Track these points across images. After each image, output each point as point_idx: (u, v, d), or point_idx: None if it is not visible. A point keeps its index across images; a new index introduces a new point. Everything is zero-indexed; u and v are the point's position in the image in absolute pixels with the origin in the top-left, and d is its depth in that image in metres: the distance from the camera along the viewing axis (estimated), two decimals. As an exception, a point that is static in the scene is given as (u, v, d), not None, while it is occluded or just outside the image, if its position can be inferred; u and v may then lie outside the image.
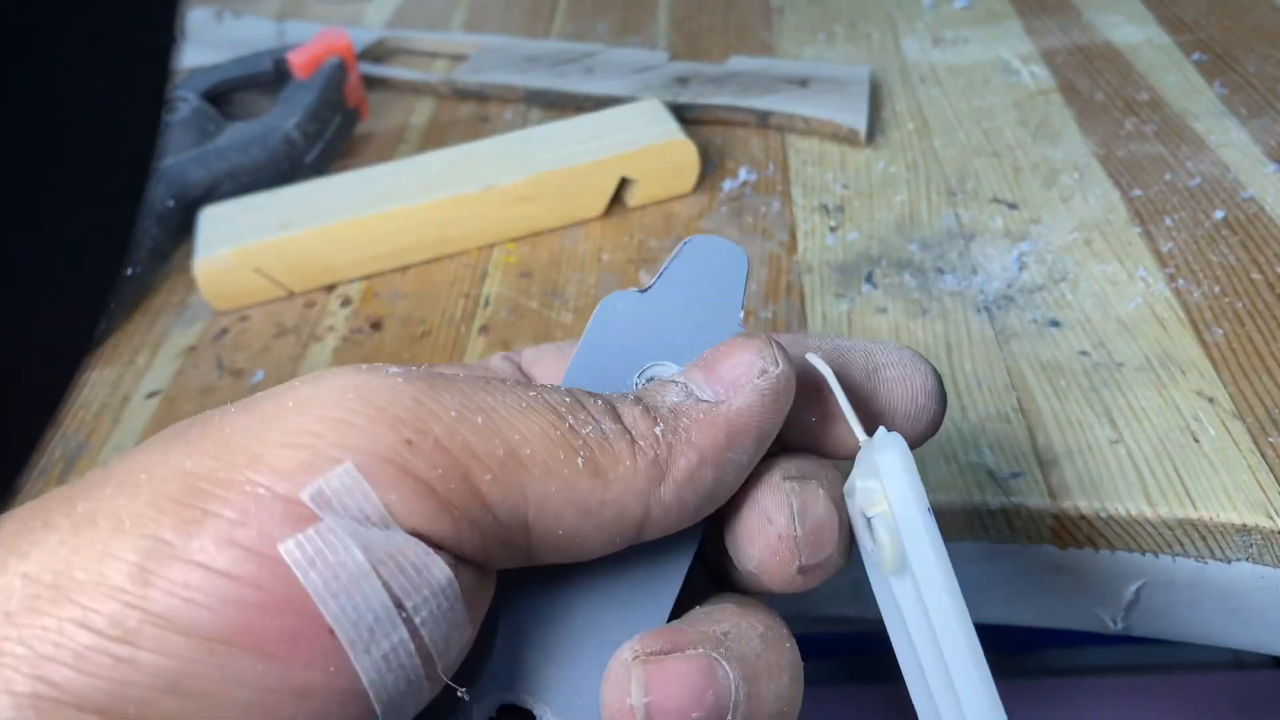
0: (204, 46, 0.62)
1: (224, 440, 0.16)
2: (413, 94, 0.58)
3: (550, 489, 0.18)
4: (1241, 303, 0.36)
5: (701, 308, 0.23)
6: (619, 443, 0.19)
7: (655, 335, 0.23)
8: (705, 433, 0.19)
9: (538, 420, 0.18)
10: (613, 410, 0.19)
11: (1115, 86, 0.50)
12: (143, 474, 0.16)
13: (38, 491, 0.35)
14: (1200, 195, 0.42)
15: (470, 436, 0.17)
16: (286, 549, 0.15)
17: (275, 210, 0.44)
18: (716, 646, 0.19)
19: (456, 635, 0.17)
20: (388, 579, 0.16)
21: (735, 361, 0.20)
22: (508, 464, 0.17)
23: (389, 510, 0.16)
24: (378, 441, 0.16)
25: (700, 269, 0.23)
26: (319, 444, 0.16)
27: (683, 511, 0.19)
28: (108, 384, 0.40)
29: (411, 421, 0.17)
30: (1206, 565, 0.30)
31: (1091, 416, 0.33)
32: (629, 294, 0.23)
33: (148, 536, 0.15)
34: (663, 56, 0.57)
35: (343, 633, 0.15)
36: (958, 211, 0.43)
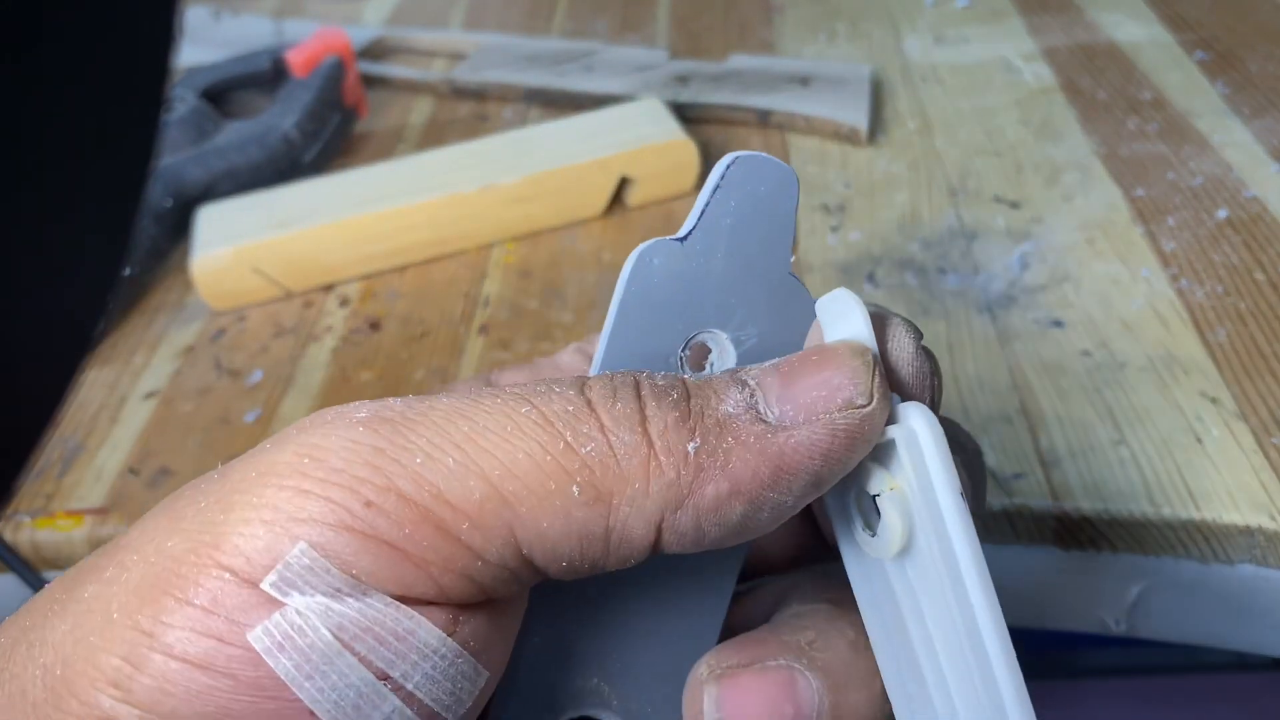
0: (202, 45, 0.61)
1: (198, 516, 0.16)
2: (411, 93, 0.58)
3: (542, 524, 0.16)
4: (1244, 303, 0.36)
5: (749, 252, 0.19)
6: (630, 460, 0.16)
7: (698, 293, 0.19)
8: (748, 462, 0.16)
9: (523, 443, 0.16)
10: (638, 415, 0.17)
11: (1118, 85, 0.50)
12: (135, 554, 0.16)
13: (35, 491, 0.34)
14: (1203, 195, 0.42)
15: (439, 482, 0.16)
16: (255, 637, 0.15)
17: (273, 209, 0.44)
18: (799, 657, 0.18)
19: (467, 685, 0.17)
20: (365, 653, 0.15)
21: (818, 381, 0.17)
22: (487, 505, 0.16)
23: (360, 580, 0.15)
24: (333, 510, 0.15)
25: (746, 199, 0.19)
26: (277, 518, 0.15)
27: (700, 541, 0.17)
28: (105, 384, 0.40)
29: (370, 479, 0.16)
30: (1210, 567, 0.30)
31: (1094, 417, 0.33)
32: (665, 244, 0.19)
33: (132, 628, 0.15)
34: (663, 55, 0.57)
35: (324, 712, 0.15)
36: (959, 211, 0.43)
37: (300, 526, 0.15)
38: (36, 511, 0.34)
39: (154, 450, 0.36)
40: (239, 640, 0.15)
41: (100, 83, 0.19)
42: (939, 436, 0.17)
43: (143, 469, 0.35)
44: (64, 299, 0.22)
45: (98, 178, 0.21)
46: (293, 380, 0.39)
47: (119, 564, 0.16)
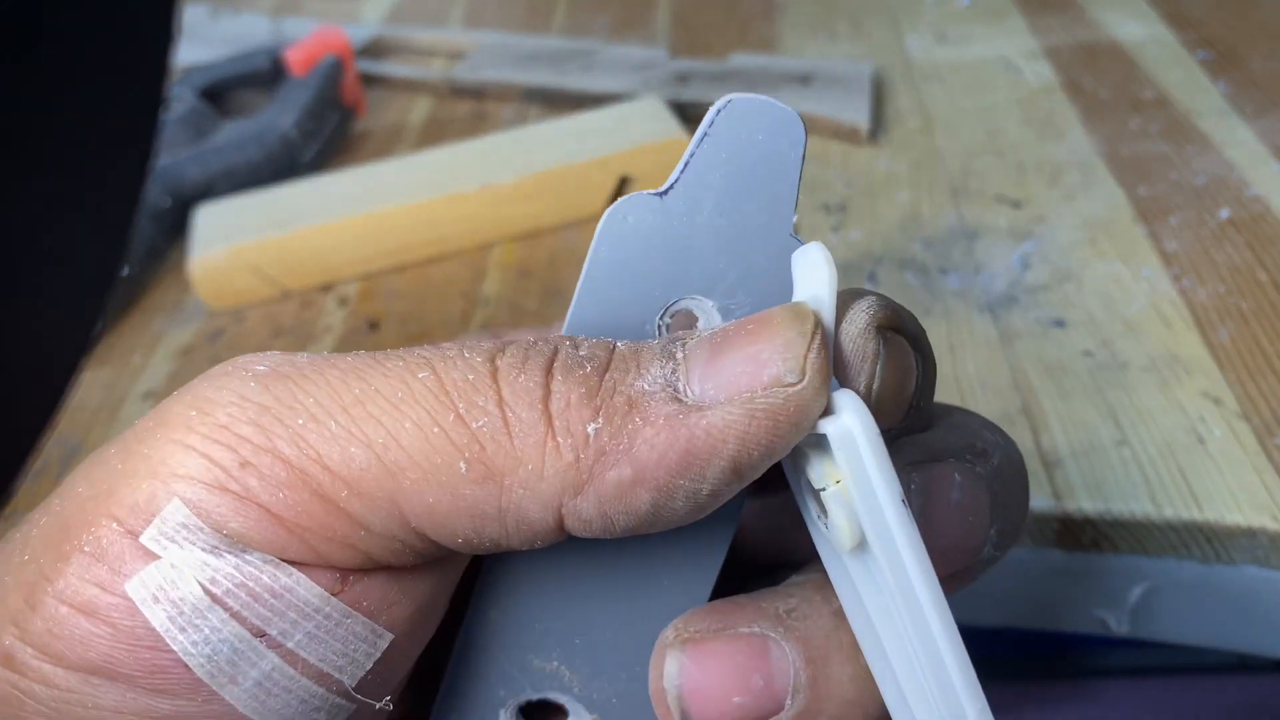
0: (200, 44, 0.61)
1: (105, 465, 0.16)
2: (410, 91, 0.58)
3: (429, 497, 0.15)
4: (1247, 303, 0.36)
5: (741, 210, 0.17)
6: (525, 439, 0.15)
7: (683, 255, 0.17)
8: (654, 446, 0.15)
9: (412, 412, 0.15)
10: (542, 389, 0.15)
11: (1119, 84, 0.50)
12: (56, 500, 0.17)
13: (34, 492, 0.34)
14: (1205, 194, 0.42)
15: (320, 446, 0.15)
16: (131, 586, 0.15)
17: (271, 209, 0.44)
18: (776, 625, 0.17)
19: (362, 647, 0.16)
20: (239, 609, 0.15)
21: (747, 354, 0.15)
22: (369, 474, 0.15)
23: (234, 539, 0.15)
24: (209, 468, 0.15)
25: (739, 149, 0.16)
26: (159, 472, 0.15)
27: (609, 528, 0.16)
28: (103, 384, 0.39)
29: (251, 438, 0.15)
30: (1212, 568, 0.30)
31: (1096, 417, 0.32)
32: (642, 198, 0.17)
33: (35, 570, 0.16)
34: (663, 54, 0.56)
35: (197, 666, 0.15)
36: (961, 210, 0.43)
37: (178, 483, 0.15)
38: (34, 512, 0.34)
39: (152, 450, 0.36)
40: (118, 589, 0.15)
41: (100, 82, 0.19)
42: (871, 433, 0.15)
43: (141, 469, 0.35)
44: (62, 299, 0.22)
45: (96, 177, 0.21)
46: (292, 380, 0.39)
47: (44, 508, 0.17)
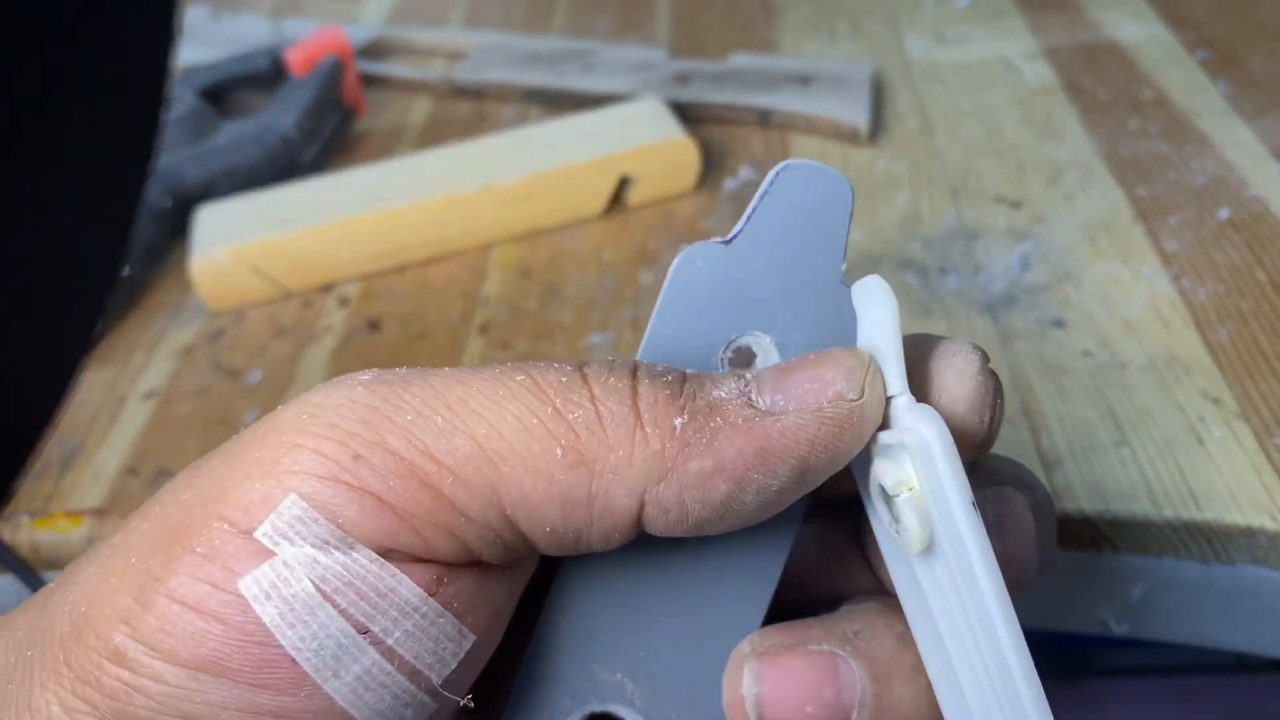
0: (201, 44, 0.61)
1: (211, 471, 0.17)
2: (411, 92, 0.58)
3: (525, 484, 0.17)
4: (1246, 303, 0.36)
5: (796, 259, 0.19)
6: (616, 429, 0.17)
7: (742, 297, 0.19)
8: (733, 441, 0.17)
9: (512, 407, 0.17)
10: (630, 390, 0.17)
11: (1119, 84, 0.50)
12: (157, 506, 0.17)
13: (34, 492, 0.34)
14: (1205, 194, 0.42)
15: (427, 438, 0.16)
16: (244, 585, 0.16)
17: (272, 209, 0.44)
18: (844, 644, 0.19)
19: (450, 646, 0.17)
20: (346, 605, 0.16)
21: (811, 375, 0.17)
22: (471, 462, 0.16)
23: (347, 531, 0.16)
24: (323, 462, 0.16)
25: (795, 206, 0.19)
26: (274, 471, 0.16)
27: (683, 519, 0.17)
28: (104, 384, 0.40)
29: (361, 434, 0.16)
30: (1211, 567, 0.30)
31: (1095, 417, 0.33)
32: (710, 246, 0.19)
33: (144, 571, 0.16)
34: (663, 54, 0.56)
35: (305, 660, 0.16)
36: (960, 210, 0.43)
37: (293, 478, 0.16)
38: (35, 512, 0.34)
39: (153, 451, 0.36)
40: (230, 587, 0.16)
41: (101, 83, 0.19)
42: (947, 442, 0.17)
43: (141, 469, 0.35)
44: (63, 299, 0.22)
45: (97, 177, 0.21)
46: (292, 380, 0.39)
47: (143, 514, 0.18)
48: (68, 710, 0.16)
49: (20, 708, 0.16)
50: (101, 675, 0.16)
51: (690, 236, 0.43)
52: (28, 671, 0.17)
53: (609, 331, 0.39)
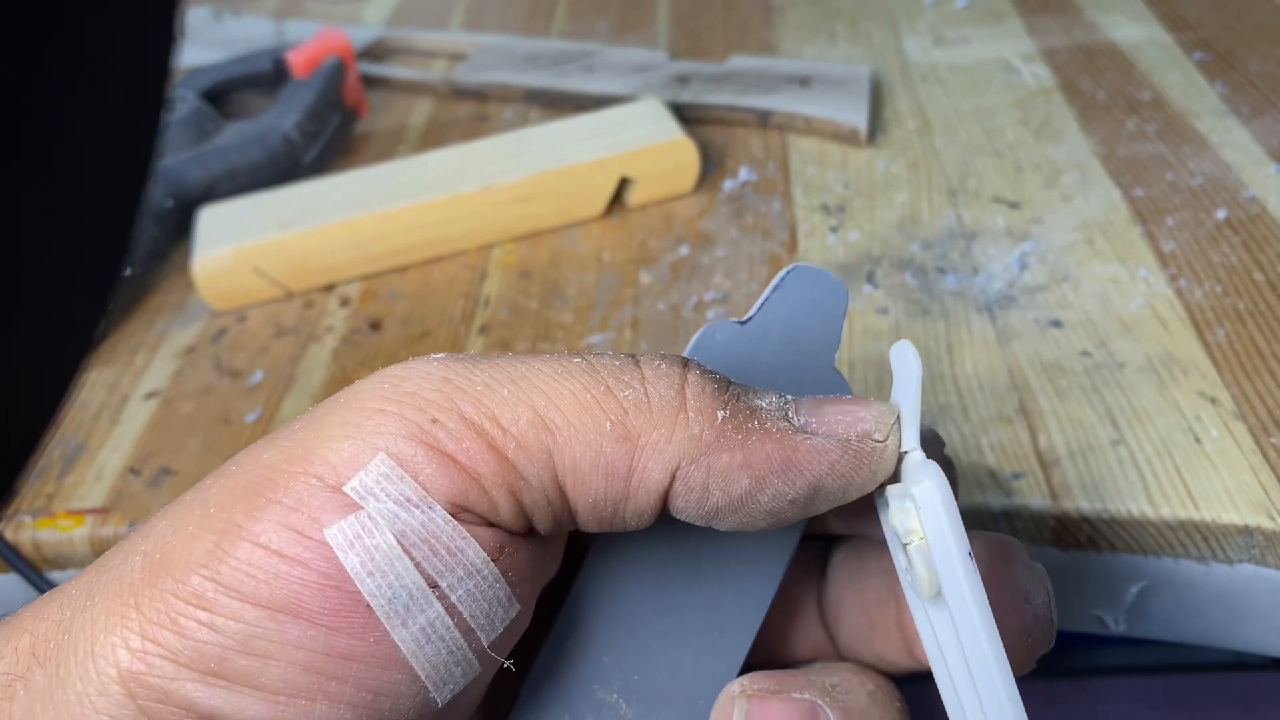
0: (203, 45, 0.62)
1: (293, 435, 0.19)
2: (412, 93, 0.58)
3: (576, 452, 0.18)
4: (1243, 303, 0.36)
5: (798, 345, 0.22)
6: (661, 410, 0.18)
7: (750, 370, 0.22)
8: (763, 444, 0.18)
9: (569, 383, 0.18)
10: (680, 378, 0.19)
11: (1117, 86, 0.50)
12: (234, 465, 0.19)
13: (37, 491, 0.35)
14: (1202, 195, 0.42)
15: (495, 406, 0.18)
16: (330, 534, 0.17)
17: (274, 210, 0.44)
18: (824, 695, 0.20)
19: (500, 612, 0.19)
20: (420, 560, 0.18)
21: (845, 410, 0.19)
22: (531, 429, 0.18)
23: (425, 489, 0.18)
24: (405, 424, 0.18)
25: (800, 301, 0.22)
26: (358, 434, 0.18)
27: (703, 502, 0.19)
28: (106, 384, 0.40)
29: (437, 401, 0.18)
30: (1209, 566, 0.30)
31: (1093, 417, 0.33)
32: (728, 325, 0.22)
33: (225, 520, 0.18)
34: (663, 55, 0.57)
35: (378, 607, 0.17)
36: (959, 211, 0.43)
37: (379, 438, 0.18)
38: (38, 511, 0.34)
39: (155, 450, 0.36)
40: (317, 535, 0.17)
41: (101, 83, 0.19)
42: (947, 496, 0.18)
43: (144, 469, 0.36)
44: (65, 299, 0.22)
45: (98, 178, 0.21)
46: (293, 380, 0.39)
47: (219, 474, 0.19)
48: (134, 652, 0.17)
49: (82, 654, 0.17)
50: (177, 616, 0.17)
51: (690, 237, 0.44)
52: (88, 620, 0.18)
53: (609, 331, 0.39)
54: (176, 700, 0.17)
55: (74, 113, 0.19)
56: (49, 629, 0.18)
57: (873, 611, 0.22)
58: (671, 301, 0.40)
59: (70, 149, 0.19)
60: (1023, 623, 0.21)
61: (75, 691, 0.17)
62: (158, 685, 0.17)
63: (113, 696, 0.17)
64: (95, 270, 0.22)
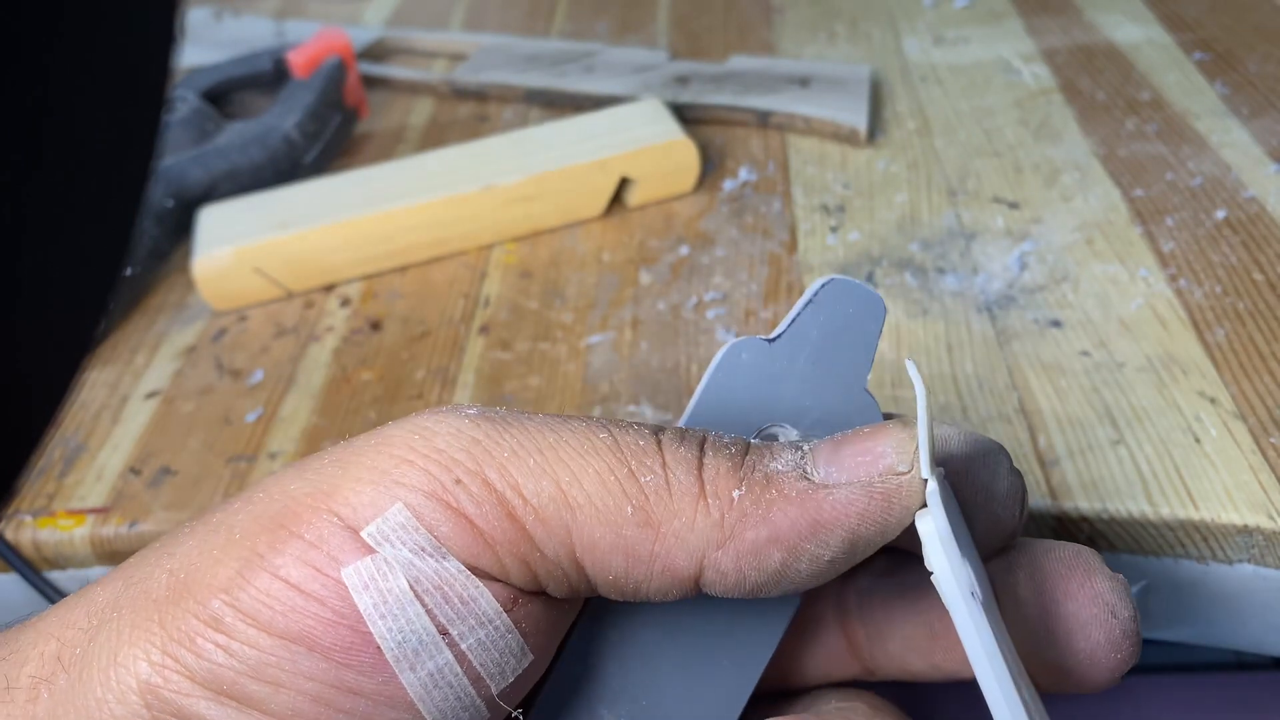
0: (203, 46, 0.62)
1: (321, 470, 0.19)
2: (412, 93, 0.58)
3: (596, 532, 0.18)
4: (1243, 303, 0.36)
5: (829, 363, 0.21)
6: (681, 497, 0.18)
7: (777, 391, 0.21)
8: (788, 513, 0.18)
9: (594, 462, 0.18)
10: (697, 461, 0.19)
11: (1116, 86, 0.50)
12: (261, 493, 0.19)
13: (37, 491, 0.35)
14: (1202, 195, 0.42)
15: (519, 476, 0.18)
16: (346, 573, 0.18)
17: (274, 210, 0.44)
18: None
19: (512, 662, 0.19)
20: (432, 606, 0.18)
21: (863, 449, 0.19)
22: (552, 504, 0.18)
23: (440, 543, 0.18)
24: (430, 480, 0.18)
25: (834, 316, 0.21)
26: (383, 480, 0.18)
27: (740, 583, 0.19)
28: (106, 384, 0.40)
29: (464, 462, 0.18)
30: (1208, 566, 0.30)
31: (1093, 417, 0.33)
32: (755, 342, 0.21)
33: (248, 549, 0.18)
34: (663, 56, 0.57)
35: (388, 649, 0.18)
36: (959, 211, 0.43)
37: (401, 489, 0.18)
38: (38, 511, 0.34)
39: (155, 450, 0.36)
40: (333, 573, 0.18)
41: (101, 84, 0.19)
42: (945, 538, 0.18)
43: (144, 469, 0.36)
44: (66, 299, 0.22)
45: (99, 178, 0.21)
46: (294, 380, 0.39)
47: (246, 499, 0.19)
48: (154, 666, 0.18)
49: (105, 662, 0.18)
50: (196, 637, 0.18)
51: (690, 237, 0.44)
52: (115, 630, 0.18)
53: (609, 331, 0.39)
54: (188, 716, 0.18)
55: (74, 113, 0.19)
56: (75, 636, 0.18)
57: (934, 624, 0.22)
58: (671, 301, 0.40)
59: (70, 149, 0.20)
60: (1110, 639, 0.20)
61: (95, 697, 0.18)
62: (172, 700, 0.18)
63: (130, 705, 0.17)
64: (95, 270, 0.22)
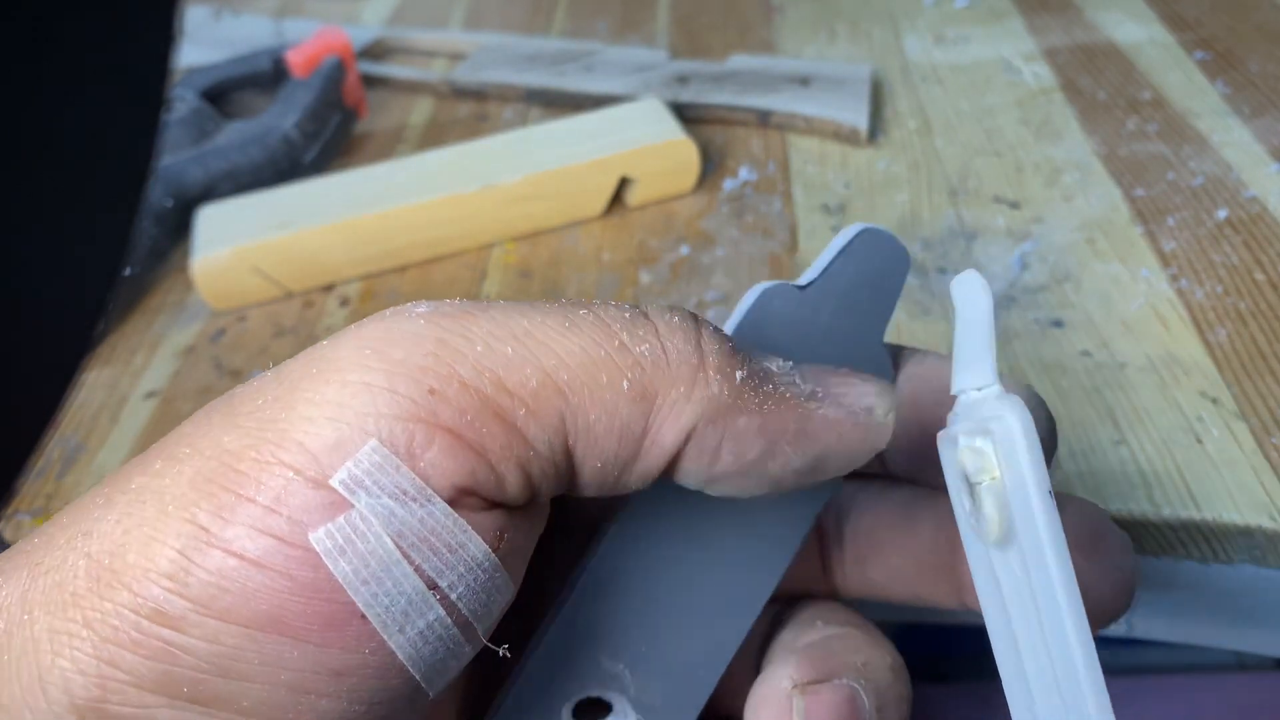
0: (202, 45, 0.62)
1: (257, 413, 0.16)
2: (411, 93, 0.58)
3: (590, 415, 0.16)
4: (1244, 303, 0.36)
5: (851, 313, 0.21)
6: (680, 366, 0.17)
7: (802, 338, 0.21)
8: (780, 411, 0.17)
9: (579, 339, 0.16)
10: (695, 333, 0.17)
11: (1117, 85, 0.50)
12: (187, 448, 0.16)
13: (36, 491, 0.34)
14: (1203, 195, 0.42)
15: (499, 369, 0.16)
16: (317, 538, 0.15)
17: (273, 210, 0.44)
18: (859, 677, 0.20)
19: (498, 599, 0.17)
20: (420, 562, 0.16)
21: (850, 383, 0.18)
22: (542, 393, 0.16)
23: (425, 475, 0.15)
24: (400, 402, 0.15)
25: (862, 266, 0.21)
26: (343, 415, 0.15)
27: (711, 466, 0.17)
28: (105, 384, 0.40)
29: (433, 368, 0.16)
30: (1209, 567, 0.30)
31: (1094, 417, 0.33)
32: (786, 289, 0.21)
33: (188, 521, 0.15)
34: (663, 55, 0.57)
35: (375, 617, 0.15)
36: (959, 211, 0.43)
37: (368, 420, 0.15)
38: (37, 511, 0.34)
39: (154, 450, 0.36)
40: (300, 540, 0.15)
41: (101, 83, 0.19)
42: (1029, 431, 0.17)
43: (143, 469, 0.35)
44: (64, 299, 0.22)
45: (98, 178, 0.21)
46: (293, 380, 0.39)
47: (170, 457, 0.16)
48: (90, 676, 0.15)
49: (29, 680, 0.15)
50: (138, 635, 0.15)
51: (690, 237, 0.43)
52: (29, 638, 0.15)
53: (609, 331, 0.39)
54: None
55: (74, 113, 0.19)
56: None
57: (924, 557, 0.22)
58: (671, 301, 0.40)
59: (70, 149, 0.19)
60: (1113, 589, 0.21)
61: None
62: (120, 713, 0.15)
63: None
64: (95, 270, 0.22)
